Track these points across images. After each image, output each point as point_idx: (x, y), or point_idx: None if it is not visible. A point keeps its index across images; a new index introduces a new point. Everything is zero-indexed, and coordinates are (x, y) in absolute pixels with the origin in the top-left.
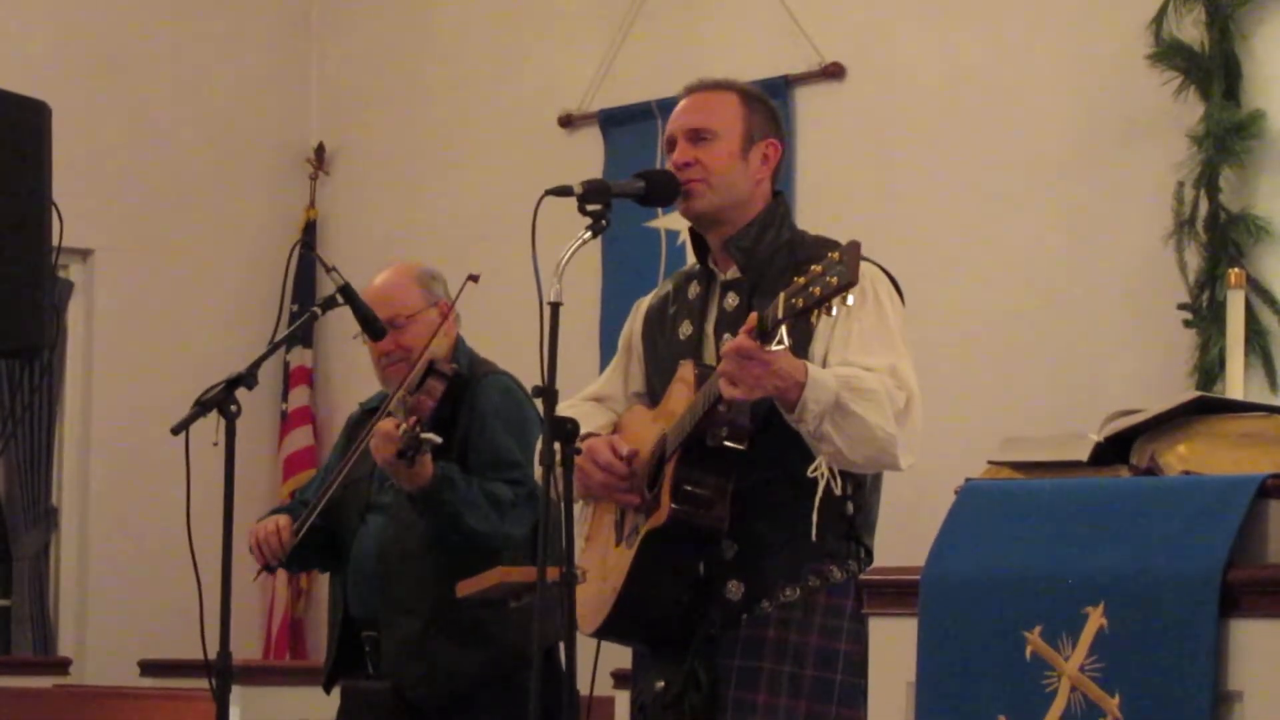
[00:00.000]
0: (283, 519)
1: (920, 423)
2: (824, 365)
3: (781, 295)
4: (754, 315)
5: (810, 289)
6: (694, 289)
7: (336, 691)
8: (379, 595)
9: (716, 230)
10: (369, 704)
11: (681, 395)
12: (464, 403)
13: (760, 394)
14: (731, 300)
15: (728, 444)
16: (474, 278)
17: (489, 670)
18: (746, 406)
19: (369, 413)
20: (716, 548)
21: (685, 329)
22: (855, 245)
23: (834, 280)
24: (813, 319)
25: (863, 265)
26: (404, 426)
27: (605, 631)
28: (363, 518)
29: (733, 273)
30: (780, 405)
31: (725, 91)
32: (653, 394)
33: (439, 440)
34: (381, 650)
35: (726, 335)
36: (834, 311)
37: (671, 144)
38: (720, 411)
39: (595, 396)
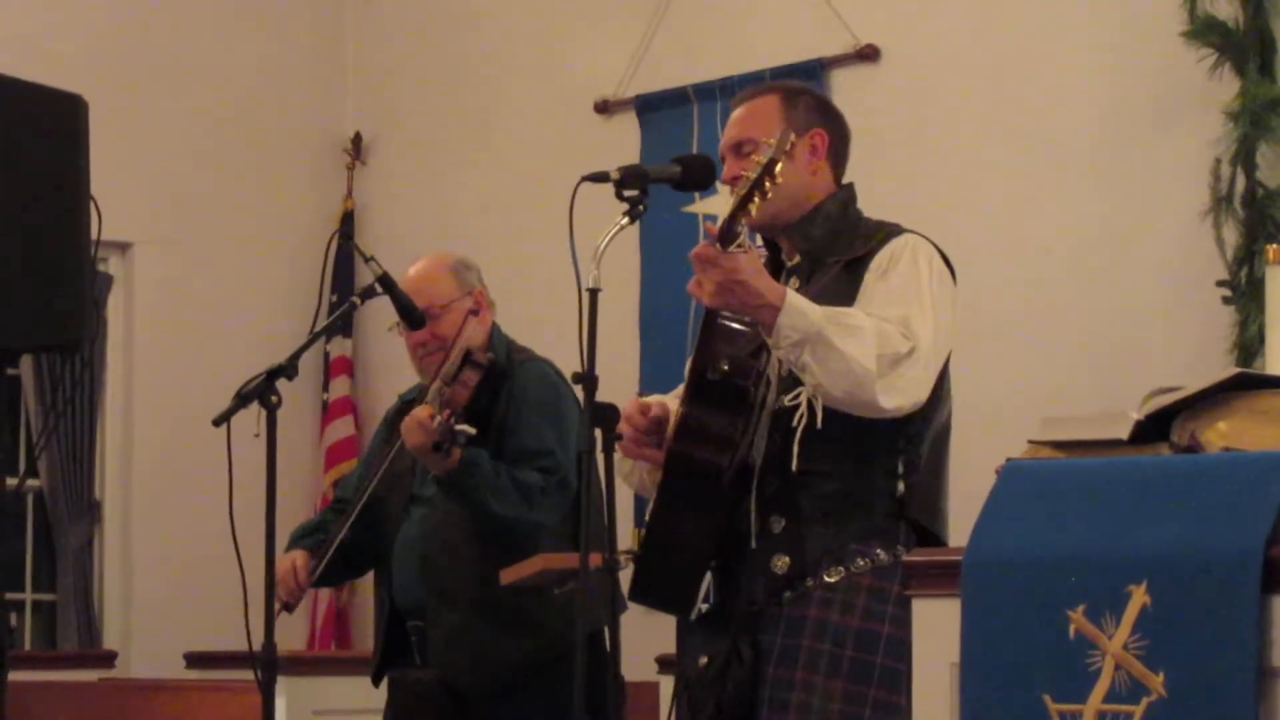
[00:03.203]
0: (300, 557)
1: (925, 374)
2: None
3: (731, 199)
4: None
5: (747, 175)
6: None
7: (384, 683)
8: (424, 586)
9: (782, 226)
10: (417, 694)
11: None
12: (501, 390)
13: (729, 301)
14: (793, 284)
15: (733, 381)
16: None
17: (535, 658)
18: (749, 340)
19: (408, 404)
20: (725, 494)
21: None
22: (786, 130)
23: (761, 160)
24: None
25: (911, 237)
26: (439, 419)
27: (636, 590)
28: (406, 510)
29: (796, 259)
30: (759, 327)
31: (765, 96)
32: None
33: (473, 432)
34: (428, 640)
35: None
36: (769, 196)
37: (724, 160)
38: (716, 340)
39: (676, 396)
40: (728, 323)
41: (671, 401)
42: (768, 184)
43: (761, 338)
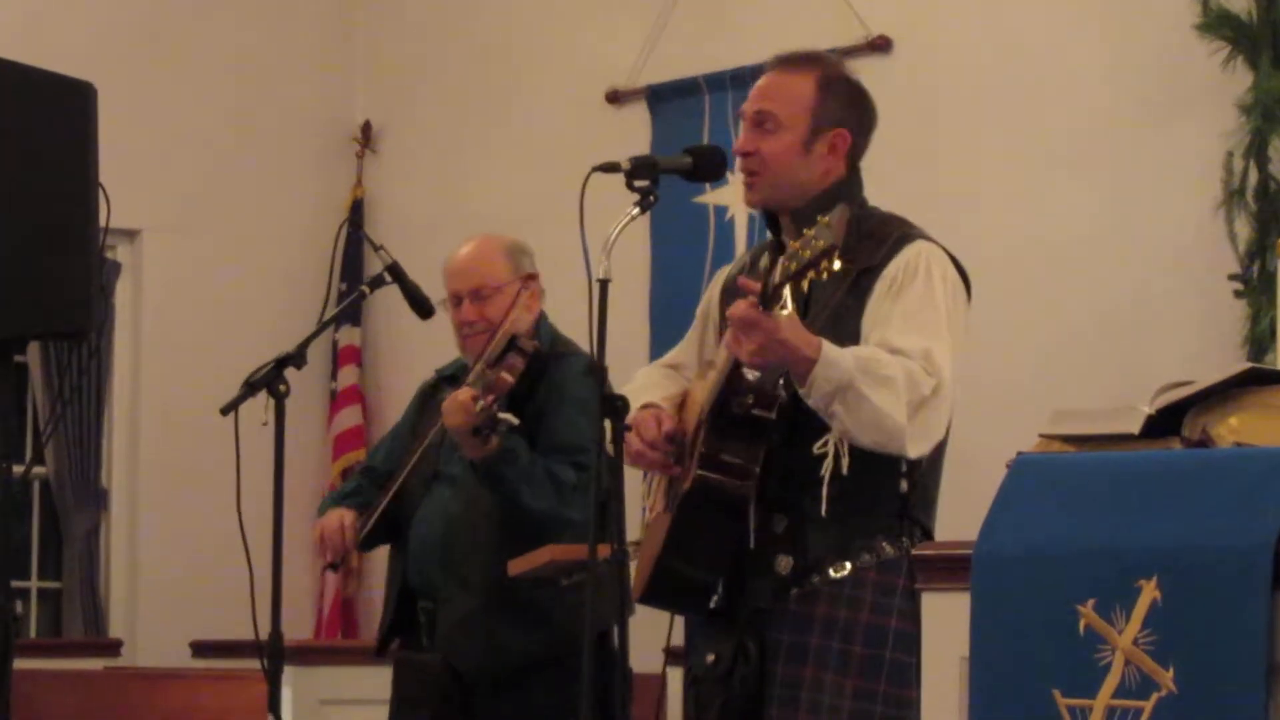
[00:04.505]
0: (348, 516)
1: (945, 411)
2: (867, 338)
3: (780, 261)
4: (758, 284)
5: (801, 253)
6: (765, 261)
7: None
8: (440, 568)
9: (785, 209)
10: (421, 676)
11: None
12: (542, 379)
13: (767, 360)
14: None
15: (754, 412)
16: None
17: (544, 650)
18: (776, 373)
19: (444, 380)
20: (748, 516)
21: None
22: (843, 209)
23: (820, 243)
24: (809, 284)
25: (924, 247)
26: (482, 404)
27: (648, 596)
28: (428, 486)
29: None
30: (792, 377)
31: (803, 74)
32: None
33: (516, 422)
34: (437, 623)
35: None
36: (824, 276)
37: (742, 118)
38: (744, 379)
39: (671, 363)
40: None
41: (665, 382)
42: (824, 264)
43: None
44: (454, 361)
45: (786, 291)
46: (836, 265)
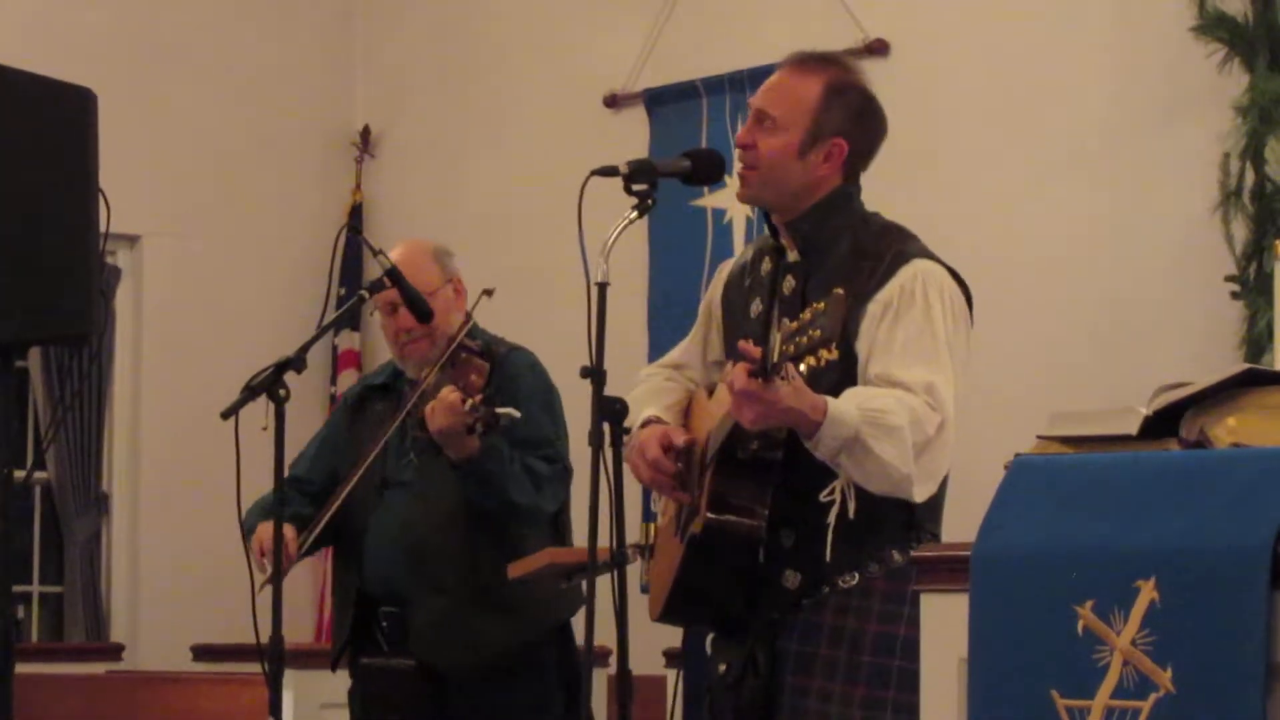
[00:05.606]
0: (289, 531)
1: (949, 444)
2: (865, 366)
3: (778, 337)
4: (758, 350)
5: (798, 338)
6: (766, 265)
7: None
8: (407, 572)
9: (777, 212)
10: (391, 681)
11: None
12: (492, 377)
13: (771, 425)
14: (790, 284)
15: (761, 455)
16: (488, 292)
17: (521, 643)
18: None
19: (373, 389)
20: (759, 550)
21: (756, 306)
22: (838, 298)
23: (816, 334)
24: (805, 340)
25: (921, 268)
26: (471, 402)
27: (665, 619)
28: (379, 494)
29: (794, 255)
30: (798, 433)
31: (812, 77)
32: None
33: (518, 415)
34: (411, 627)
35: (746, 345)
36: (822, 364)
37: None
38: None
39: (674, 364)
40: None
41: (667, 388)
42: (823, 352)
43: None
44: (383, 368)
45: (787, 366)
46: (834, 354)
